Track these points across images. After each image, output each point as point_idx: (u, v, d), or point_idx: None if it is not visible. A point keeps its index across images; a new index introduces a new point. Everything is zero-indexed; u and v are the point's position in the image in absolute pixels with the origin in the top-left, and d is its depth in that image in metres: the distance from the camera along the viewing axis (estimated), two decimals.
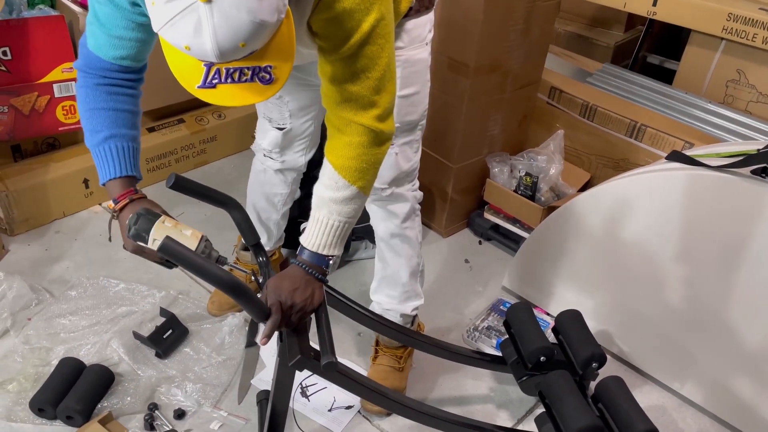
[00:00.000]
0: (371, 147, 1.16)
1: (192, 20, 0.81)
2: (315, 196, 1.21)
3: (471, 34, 1.92)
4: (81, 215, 2.23)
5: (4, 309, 1.78)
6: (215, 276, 1.06)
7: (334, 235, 1.20)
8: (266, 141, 1.64)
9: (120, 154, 1.17)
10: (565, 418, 1.39)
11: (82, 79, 1.17)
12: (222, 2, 0.81)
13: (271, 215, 1.80)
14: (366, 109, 1.12)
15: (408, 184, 1.53)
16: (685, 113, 2.33)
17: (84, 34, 1.16)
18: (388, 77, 1.12)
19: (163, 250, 1.01)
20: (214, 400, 1.64)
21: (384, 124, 1.15)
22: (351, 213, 1.20)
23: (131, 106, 1.20)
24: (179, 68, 0.92)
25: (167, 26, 0.83)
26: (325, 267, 1.22)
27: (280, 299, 1.16)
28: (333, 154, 1.17)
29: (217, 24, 0.81)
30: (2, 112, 1.99)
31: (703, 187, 1.55)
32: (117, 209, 1.17)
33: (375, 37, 1.06)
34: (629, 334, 1.84)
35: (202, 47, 0.83)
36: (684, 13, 2.36)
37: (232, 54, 0.86)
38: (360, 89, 1.10)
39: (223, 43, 0.83)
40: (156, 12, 0.83)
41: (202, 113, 2.54)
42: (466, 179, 2.24)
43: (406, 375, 1.72)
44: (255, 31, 0.84)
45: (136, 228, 1.12)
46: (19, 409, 1.55)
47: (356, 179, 1.17)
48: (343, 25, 1.03)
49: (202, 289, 1.97)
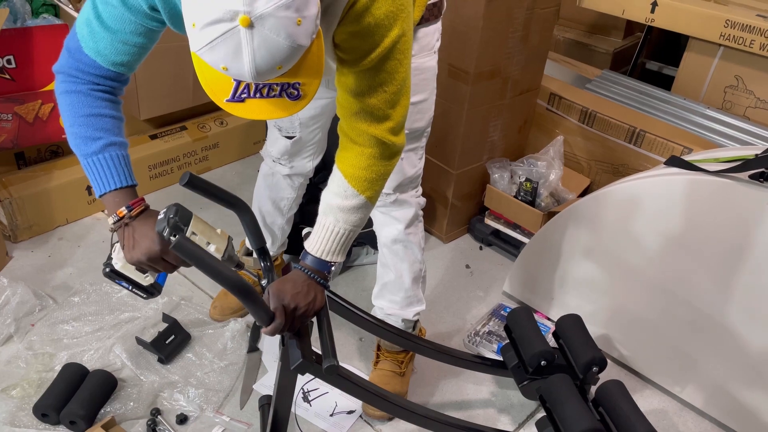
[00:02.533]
0: (382, 159, 1.17)
1: (232, 43, 0.82)
2: (323, 202, 1.22)
3: (471, 41, 1.93)
4: (84, 222, 2.24)
5: (8, 315, 1.78)
6: (225, 277, 1.06)
7: (339, 242, 1.21)
8: (275, 149, 1.66)
9: (122, 163, 1.14)
10: (566, 422, 1.40)
11: (70, 84, 1.11)
12: (263, 28, 0.82)
13: (276, 219, 1.81)
14: (380, 122, 1.13)
15: (412, 191, 1.54)
16: (683, 119, 2.34)
17: (72, 36, 1.10)
18: (403, 91, 1.13)
19: (177, 248, 1.01)
20: (216, 405, 1.64)
21: (396, 137, 1.17)
22: (357, 222, 1.21)
23: (119, 113, 1.17)
24: (208, 81, 0.92)
25: (206, 48, 0.84)
26: (327, 272, 1.23)
27: (282, 303, 1.17)
28: (344, 163, 1.18)
29: (257, 48, 0.83)
30: (6, 120, 2.00)
31: (702, 192, 1.56)
32: (133, 215, 1.13)
33: (395, 52, 1.07)
34: (630, 338, 1.85)
35: (240, 69, 0.85)
36: (682, 19, 2.38)
37: (268, 75, 0.87)
38: (376, 102, 1.11)
39: (261, 66, 0.84)
40: (196, 34, 0.84)
41: (205, 120, 2.56)
42: (467, 185, 2.25)
43: (407, 379, 1.73)
44: (292, 55, 0.86)
45: (176, 219, 1.10)
46: (22, 415, 1.56)
47: (365, 189, 1.18)
48: (367, 39, 1.04)
49: (205, 294, 1.98)
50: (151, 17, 1.05)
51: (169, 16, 1.04)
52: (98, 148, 1.12)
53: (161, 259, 1.13)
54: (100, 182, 1.13)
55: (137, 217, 1.14)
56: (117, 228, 1.15)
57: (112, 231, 1.16)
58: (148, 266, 1.15)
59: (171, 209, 1.12)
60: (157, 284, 1.23)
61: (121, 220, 1.13)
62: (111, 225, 1.15)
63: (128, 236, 1.14)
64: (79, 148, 1.13)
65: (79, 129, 1.12)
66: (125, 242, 1.14)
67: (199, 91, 2.43)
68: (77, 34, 1.09)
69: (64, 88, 1.12)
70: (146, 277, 1.20)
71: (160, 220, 1.11)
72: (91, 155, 1.12)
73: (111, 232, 1.17)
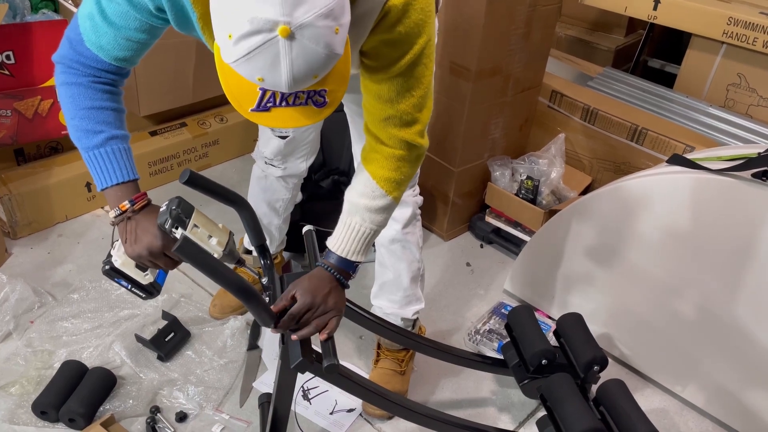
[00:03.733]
0: (410, 161, 1.18)
1: (270, 54, 0.81)
2: (348, 202, 1.21)
3: (472, 39, 1.93)
4: (83, 218, 2.23)
5: (7, 312, 1.78)
6: (227, 279, 1.06)
7: (364, 241, 1.20)
8: (268, 150, 1.65)
9: (124, 157, 1.13)
10: (567, 421, 1.39)
11: (71, 76, 1.10)
12: (302, 37, 0.81)
13: (273, 220, 1.81)
14: (410, 126, 1.14)
15: (409, 190, 1.54)
16: (686, 117, 2.33)
17: (74, 27, 1.09)
18: (429, 95, 1.14)
19: (181, 250, 1.00)
20: (216, 403, 1.64)
21: (423, 140, 1.17)
22: (382, 221, 1.21)
23: (120, 105, 1.16)
24: (233, 92, 0.91)
25: (243, 60, 0.82)
26: (351, 272, 1.22)
27: (314, 301, 1.16)
28: (373, 164, 1.18)
29: (295, 57, 0.82)
30: (6, 116, 1.99)
31: (704, 190, 1.56)
32: (136, 209, 1.12)
33: (422, 58, 1.07)
34: (631, 337, 1.84)
35: (277, 79, 0.84)
36: (685, 17, 2.37)
37: (303, 85, 0.86)
38: (405, 107, 1.11)
39: (298, 75, 0.84)
40: (231, 46, 0.82)
41: (205, 117, 2.55)
42: (468, 183, 2.25)
43: (407, 378, 1.72)
44: (328, 63, 0.86)
45: (179, 211, 1.10)
46: (21, 412, 1.56)
47: (393, 190, 1.18)
48: (398, 48, 1.05)
49: (204, 292, 1.98)
50: (156, 16, 1.04)
51: (175, 18, 1.03)
52: (100, 142, 1.11)
53: (162, 254, 1.13)
54: (102, 176, 1.12)
55: (140, 211, 1.13)
56: (119, 222, 1.14)
57: (114, 225, 1.15)
58: (148, 261, 1.14)
59: (173, 201, 1.12)
60: (156, 284, 1.22)
61: (123, 214, 1.12)
62: (112, 219, 1.14)
63: (130, 230, 1.13)
64: (81, 141, 1.12)
65: (80, 122, 1.11)
66: (127, 236, 1.13)
67: (200, 88, 2.43)
68: (79, 27, 1.08)
69: (64, 79, 1.11)
70: (146, 276, 1.19)
71: (162, 212, 1.11)
72: (93, 149, 1.11)
73: (112, 225, 1.15)
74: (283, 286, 1.26)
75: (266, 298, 1.26)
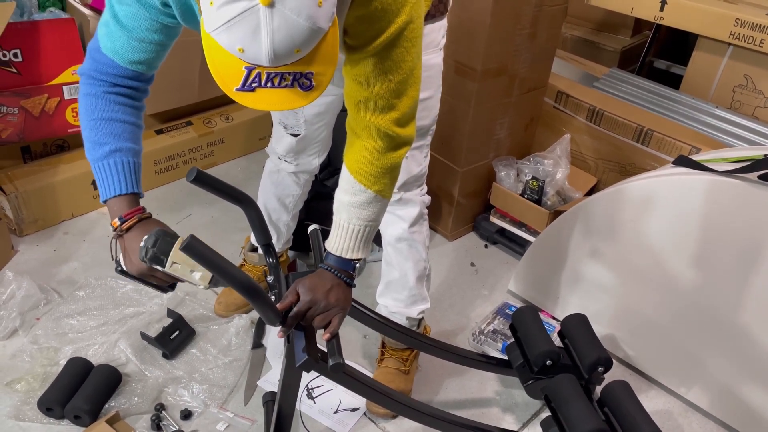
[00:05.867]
0: (386, 152, 1.14)
1: (251, 23, 0.80)
2: (335, 200, 1.21)
3: (478, 38, 1.93)
4: (89, 216, 2.24)
5: (13, 309, 1.79)
6: (234, 277, 1.06)
7: (356, 238, 1.19)
8: (281, 146, 1.65)
9: (125, 170, 1.13)
10: (571, 422, 1.39)
11: (89, 87, 1.13)
12: (284, 7, 0.80)
13: (282, 216, 1.81)
14: (384, 112, 1.11)
15: (417, 189, 1.54)
16: (692, 118, 2.33)
17: (94, 38, 1.12)
18: (410, 82, 1.10)
19: (188, 249, 1.01)
20: (220, 401, 1.64)
21: (403, 129, 1.14)
22: (371, 216, 1.19)
23: (136, 119, 1.16)
24: (219, 69, 0.89)
25: (223, 27, 0.81)
26: (351, 270, 1.21)
27: (316, 297, 1.16)
28: (349, 159, 1.17)
29: (276, 28, 0.81)
30: (12, 114, 2.00)
31: (710, 192, 1.55)
32: (124, 228, 1.12)
33: (402, 40, 1.05)
34: (635, 338, 1.84)
35: (257, 50, 0.82)
36: (691, 18, 2.36)
37: (285, 59, 0.85)
38: (380, 90, 1.08)
39: (279, 47, 0.82)
40: (213, 13, 0.81)
41: (210, 116, 2.56)
42: (473, 183, 2.25)
43: (411, 377, 1.72)
44: (311, 37, 0.84)
45: (154, 250, 1.08)
46: (27, 409, 1.56)
47: (372, 183, 1.16)
48: (374, 24, 1.02)
49: (209, 290, 1.98)
50: (164, 12, 1.05)
51: (180, 12, 1.04)
52: (104, 154, 1.12)
53: (153, 276, 1.14)
54: (103, 188, 1.14)
55: (128, 230, 1.13)
56: (112, 238, 1.15)
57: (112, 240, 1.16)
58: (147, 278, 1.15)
59: (150, 238, 1.09)
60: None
61: (115, 231, 1.13)
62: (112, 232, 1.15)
63: (122, 248, 1.15)
64: (89, 152, 1.14)
65: (90, 133, 1.13)
66: (122, 253, 1.15)
67: (205, 87, 2.43)
68: (97, 35, 1.10)
69: (84, 91, 1.13)
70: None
71: (141, 247, 1.10)
72: (98, 160, 1.13)
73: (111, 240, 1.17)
74: (289, 285, 1.26)
75: (272, 297, 1.27)
